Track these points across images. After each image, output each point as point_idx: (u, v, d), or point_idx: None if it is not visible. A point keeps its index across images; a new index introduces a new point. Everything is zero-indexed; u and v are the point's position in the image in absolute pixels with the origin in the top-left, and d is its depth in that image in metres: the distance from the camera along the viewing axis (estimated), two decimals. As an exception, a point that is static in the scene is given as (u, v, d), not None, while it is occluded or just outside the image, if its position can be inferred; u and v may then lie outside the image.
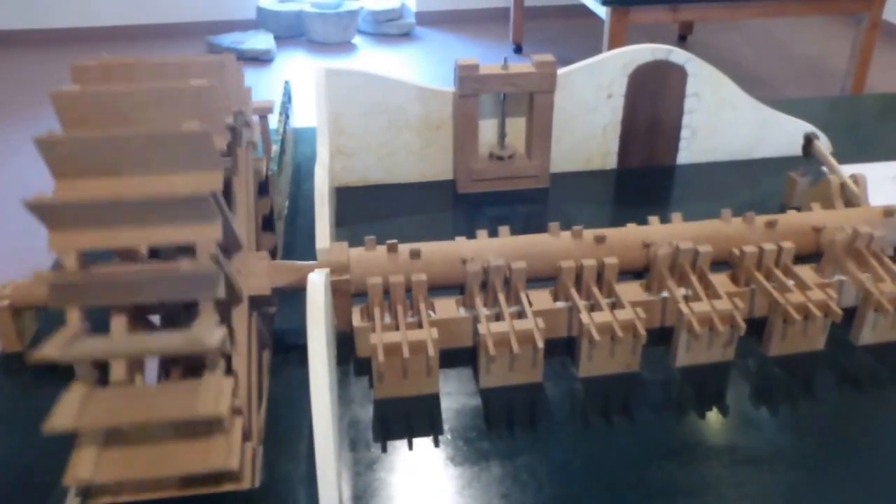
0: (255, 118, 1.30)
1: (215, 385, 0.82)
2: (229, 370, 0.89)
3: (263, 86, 5.36)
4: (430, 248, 1.11)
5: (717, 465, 0.93)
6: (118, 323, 0.85)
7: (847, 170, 1.36)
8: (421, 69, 5.85)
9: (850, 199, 1.30)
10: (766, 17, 6.09)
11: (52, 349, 0.78)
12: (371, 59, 6.09)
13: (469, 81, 1.43)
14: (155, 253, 0.94)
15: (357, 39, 6.48)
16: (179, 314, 0.96)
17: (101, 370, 0.84)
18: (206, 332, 0.81)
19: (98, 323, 0.85)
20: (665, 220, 1.20)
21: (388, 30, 6.55)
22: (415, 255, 1.09)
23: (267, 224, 1.24)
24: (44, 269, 1.05)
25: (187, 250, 0.86)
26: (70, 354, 0.78)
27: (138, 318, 0.90)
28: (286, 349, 1.12)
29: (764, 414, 1.01)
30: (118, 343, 0.83)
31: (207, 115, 0.89)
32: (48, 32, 6.25)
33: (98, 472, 0.79)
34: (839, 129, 1.77)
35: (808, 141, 1.47)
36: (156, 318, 0.96)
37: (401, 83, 1.47)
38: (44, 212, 0.80)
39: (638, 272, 1.16)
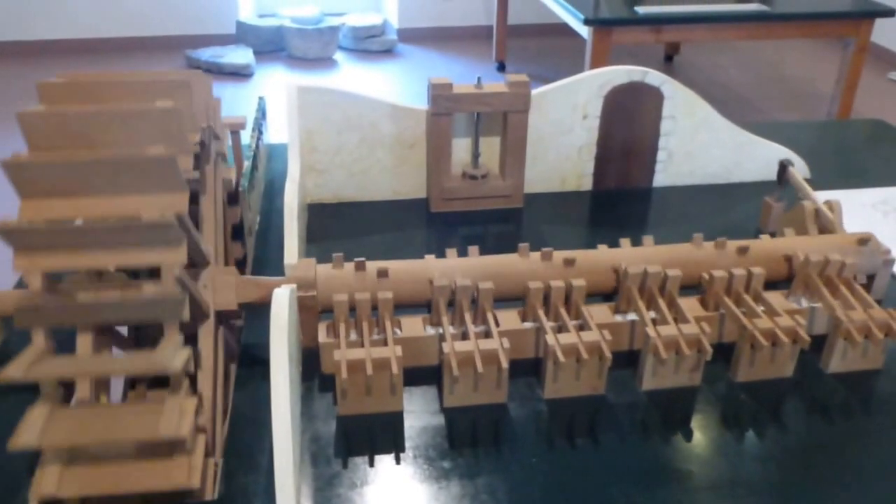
0: (225, 130, 1.30)
1: (178, 406, 0.82)
2: (194, 385, 0.89)
3: (242, 100, 5.35)
4: (397, 267, 1.11)
5: (678, 491, 0.93)
6: (84, 341, 0.85)
7: (827, 196, 1.37)
8: (402, 86, 5.86)
9: (825, 225, 1.30)
10: (750, 40, 6.12)
11: (15, 370, 0.78)
12: (352, 75, 6.09)
13: (442, 100, 1.42)
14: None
15: (338, 55, 6.47)
16: (147, 327, 0.96)
17: (66, 388, 0.85)
18: (170, 355, 0.82)
19: (66, 340, 0.85)
20: (637, 242, 1.20)
21: (370, 46, 6.55)
22: (382, 273, 1.09)
23: (236, 234, 1.23)
24: (9, 279, 1.05)
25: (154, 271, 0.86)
26: (34, 375, 0.79)
27: (105, 330, 0.90)
28: (252, 362, 1.11)
29: (728, 440, 1.01)
30: (82, 364, 0.84)
31: (173, 136, 0.89)
32: (26, 44, 6.22)
33: (62, 488, 0.79)
34: (822, 155, 1.78)
35: (783, 168, 1.47)
36: (124, 329, 0.96)
37: (374, 101, 1.47)
38: (9, 235, 0.80)
39: (608, 294, 1.16)
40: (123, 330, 0.96)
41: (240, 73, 5.91)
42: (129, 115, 0.88)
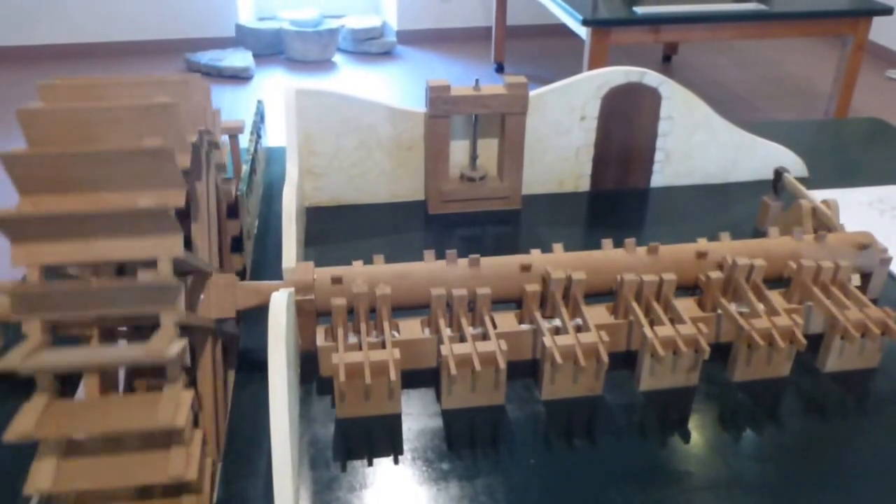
0: (224, 138, 1.30)
1: (174, 397, 0.82)
2: (192, 383, 0.90)
3: (241, 104, 5.36)
4: (396, 269, 1.11)
5: (675, 491, 0.93)
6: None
7: (824, 195, 1.37)
8: (402, 88, 5.86)
9: (822, 223, 1.31)
10: (748, 39, 6.12)
11: (13, 360, 0.78)
12: (351, 77, 6.09)
13: (440, 102, 1.43)
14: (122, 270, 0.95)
15: (337, 58, 6.47)
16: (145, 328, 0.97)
17: (62, 382, 0.85)
18: (165, 344, 0.81)
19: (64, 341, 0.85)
20: (637, 243, 1.20)
21: (369, 48, 6.55)
22: (380, 279, 1.09)
23: (236, 245, 1.24)
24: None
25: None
26: (31, 365, 0.79)
27: (106, 336, 0.90)
28: (250, 367, 1.11)
29: (726, 440, 1.01)
30: (78, 354, 0.83)
31: (170, 132, 0.89)
32: (26, 49, 6.22)
33: (58, 483, 0.79)
34: (820, 154, 1.78)
35: (778, 176, 1.48)
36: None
37: (372, 103, 1.47)
38: (5, 225, 0.80)
39: (606, 294, 1.17)
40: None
41: (239, 76, 5.91)
42: (127, 111, 0.88)
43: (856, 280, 1.24)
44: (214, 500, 0.90)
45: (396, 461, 0.97)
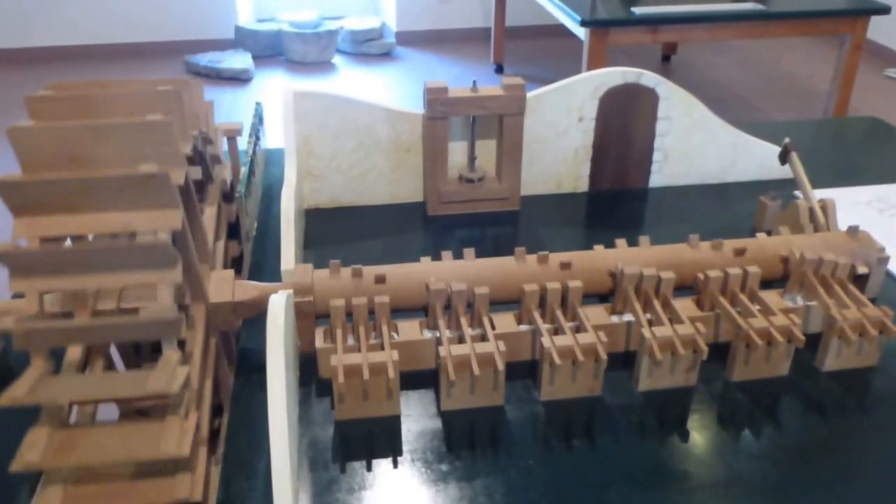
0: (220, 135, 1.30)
1: (178, 425, 0.82)
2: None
3: (241, 105, 5.36)
4: (394, 271, 1.11)
5: (675, 491, 0.93)
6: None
7: (822, 194, 1.37)
8: (401, 89, 5.86)
9: (819, 223, 1.31)
10: (746, 39, 6.12)
11: (16, 393, 0.78)
12: (351, 78, 6.09)
13: (437, 104, 1.43)
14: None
15: (337, 59, 6.48)
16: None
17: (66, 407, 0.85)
18: (168, 377, 0.81)
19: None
20: (634, 243, 1.20)
21: (368, 50, 6.56)
22: (380, 280, 1.09)
23: (232, 233, 1.24)
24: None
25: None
26: (36, 398, 0.79)
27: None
28: (249, 369, 1.11)
29: (725, 440, 1.02)
30: (80, 387, 0.83)
31: (164, 149, 0.89)
32: (25, 51, 6.23)
33: None
34: (818, 153, 1.78)
35: (786, 151, 1.48)
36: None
37: (370, 105, 1.47)
38: (5, 259, 0.80)
39: (605, 295, 1.17)
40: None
41: (238, 78, 5.92)
42: (119, 129, 0.88)
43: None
44: (214, 502, 0.90)
45: (396, 463, 0.97)
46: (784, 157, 1.50)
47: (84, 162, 0.88)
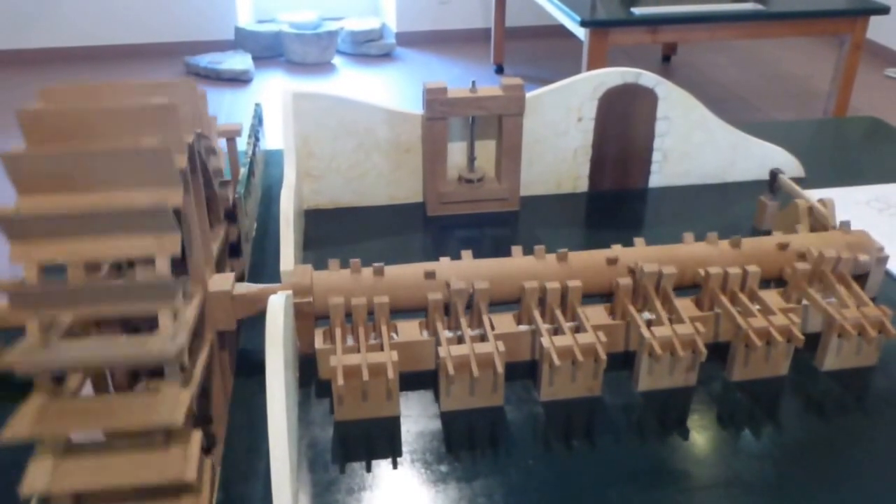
0: (221, 143, 1.30)
1: (172, 396, 0.82)
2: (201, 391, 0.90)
3: (241, 106, 5.36)
4: (393, 272, 1.11)
5: (674, 491, 0.93)
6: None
7: (822, 194, 1.37)
8: (401, 90, 5.86)
9: (819, 222, 1.31)
10: (746, 38, 6.13)
11: (11, 358, 0.79)
12: (351, 79, 6.09)
13: (437, 105, 1.43)
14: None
15: (337, 60, 6.48)
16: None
17: (59, 380, 0.85)
18: (164, 342, 0.81)
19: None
20: (632, 244, 1.20)
21: (368, 50, 6.56)
22: (378, 272, 1.09)
23: (234, 250, 1.24)
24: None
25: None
26: (29, 364, 0.79)
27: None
28: (249, 370, 1.11)
29: (724, 439, 1.02)
30: (76, 352, 0.83)
31: (168, 132, 0.89)
32: (24, 53, 6.23)
33: (54, 484, 0.79)
34: (817, 153, 1.78)
35: (774, 177, 1.48)
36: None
37: (369, 106, 1.47)
38: (4, 223, 0.81)
39: (605, 295, 1.17)
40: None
41: (238, 79, 5.92)
42: (125, 111, 0.89)
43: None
44: (213, 503, 0.90)
45: (395, 463, 0.97)
46: (772, 185, 1.50)
47: (90, 142, 0.88)
